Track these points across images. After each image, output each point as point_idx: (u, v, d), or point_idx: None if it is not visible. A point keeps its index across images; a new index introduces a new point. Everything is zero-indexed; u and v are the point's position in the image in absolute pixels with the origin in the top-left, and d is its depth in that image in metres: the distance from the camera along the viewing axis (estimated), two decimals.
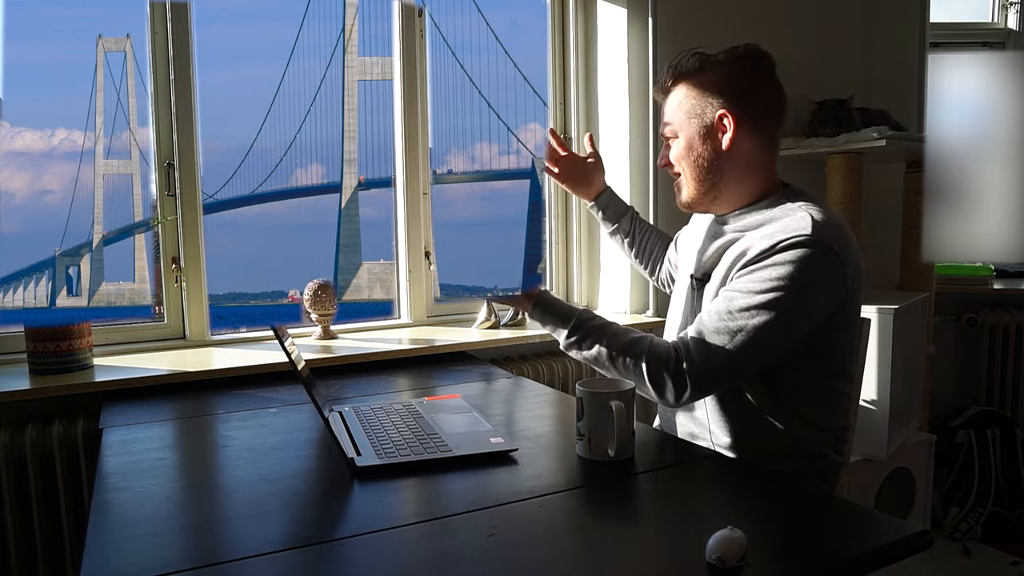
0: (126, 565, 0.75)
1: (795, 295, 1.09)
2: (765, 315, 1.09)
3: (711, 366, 1.10)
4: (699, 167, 1.25)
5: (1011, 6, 3.06)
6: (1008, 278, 2.91)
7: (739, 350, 1.09)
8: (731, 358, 1.10)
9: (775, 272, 1.10)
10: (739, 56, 1.26)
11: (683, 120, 1.25)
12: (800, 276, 1.09)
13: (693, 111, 1.24)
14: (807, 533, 0.83)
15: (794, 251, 1.10)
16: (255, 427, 1.25)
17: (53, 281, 6.44)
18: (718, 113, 1.22)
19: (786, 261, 1.10)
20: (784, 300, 1.09)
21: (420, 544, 0.79)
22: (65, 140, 4.63)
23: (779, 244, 1.11)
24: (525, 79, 2.70)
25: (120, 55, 5.70)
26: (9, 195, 2.12)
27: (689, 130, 1.25)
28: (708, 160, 1.24)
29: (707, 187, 1.26)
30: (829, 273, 1.11)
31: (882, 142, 1.96)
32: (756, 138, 1.24)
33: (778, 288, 1.09)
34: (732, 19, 2.23)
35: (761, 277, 1.11)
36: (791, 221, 1.15)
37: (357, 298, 8.50)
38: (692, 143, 1.25)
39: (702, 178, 1.25)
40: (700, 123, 1.24)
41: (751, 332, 1.09)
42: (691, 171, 1.26)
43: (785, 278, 1.09)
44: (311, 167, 9.81)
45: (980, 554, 2.41)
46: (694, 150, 1.25)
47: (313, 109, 9.57)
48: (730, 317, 1.11)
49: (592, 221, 2.30)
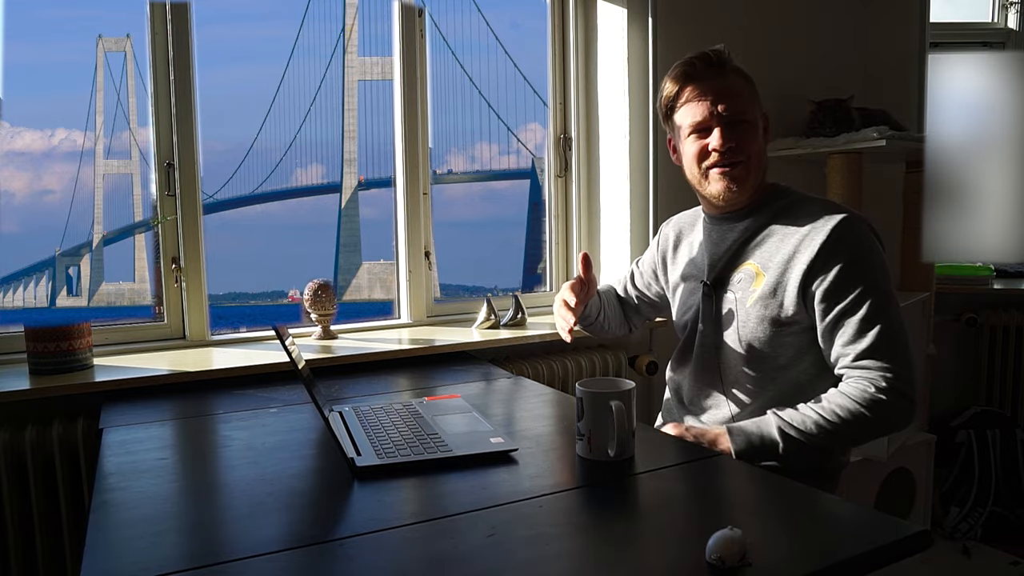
0: (126, 565, 0.75)
1: (879, 265, 1.19)
2: (884, 296, 1.16)
3: (904, 367, 1.15)
4: (763, 155, 1.29)
5: (1011, 6, 3.06)
6: (1008, 278, 2.91)
7: (897, 336, 1.16)
8: (898, 345, 1.16)
9: (856, 263, 1.17)
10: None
11: (759, 113, 1.28)
12: (872, 249, 1.19)
13: (756, 102, 1.28)
14: (807, 533, 0.83)
15: (849, 232, 1.18)
16: (255, 427, 1.25)
17: (53, 281, 6.44)
18: (764, 112, 1.29)
19: (853, 245, 1.18)
20: (880, 276, 1.18)
21: (420, 544, 0.79)
22: (65, 140, 4.63)
23: (834, 235, 1.17)
24: (525, 79, 2.70)
25: (120, 55, 5.70)
26: (9, 195, 2.12)
27: (765, 124, 1.29)
28: (765, 152, 1.29)
29: (759, 177, 1.29)
30: (876, 241, 1.22)
31: (882, 142, 1.96)
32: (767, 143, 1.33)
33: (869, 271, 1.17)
34: (732, 19, 2.23)
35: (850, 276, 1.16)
36: (814, 208, 1.23)
37: (357, 298, 8.51)
38: (758, 133, 1.28)
39: (760, 167, 1.28)
40: (760, 115, 1.28)
41: (889, 319, 1.16)
42: (758, 159, 1.28)
43: (865, 258, 1.18)
44: (311, 167, 9.81)
45: (980, 554, 2.41)
46: (758, 140, 1.28)
47: (313, 109, 9.58)
48: (872, 321, 1.15)
49: (592, 221, 2.31)
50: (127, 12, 2.10)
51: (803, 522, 0.86)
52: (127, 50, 5.78)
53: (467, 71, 3.42)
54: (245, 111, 9.16)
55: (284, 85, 9.57)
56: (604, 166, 2.25)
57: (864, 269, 1.17)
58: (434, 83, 2.15)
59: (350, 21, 9.07)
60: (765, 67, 2.31)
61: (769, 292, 1.22)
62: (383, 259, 2.31)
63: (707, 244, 1.34)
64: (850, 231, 1.18)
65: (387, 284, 2.26)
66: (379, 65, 8.97)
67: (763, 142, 1.28)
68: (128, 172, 4.69)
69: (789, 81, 2.33)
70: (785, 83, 2.35)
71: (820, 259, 1.17)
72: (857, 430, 1.15)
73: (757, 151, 1.26)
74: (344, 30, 8.94)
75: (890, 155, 2.20)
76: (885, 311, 1.16)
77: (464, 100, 5.41)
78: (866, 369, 1.15)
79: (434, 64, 2.16)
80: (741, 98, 1.24)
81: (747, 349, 1.25)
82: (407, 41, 2.10)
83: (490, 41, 3.61)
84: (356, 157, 9.27)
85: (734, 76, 1.26)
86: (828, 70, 2.39)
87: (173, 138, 1.84)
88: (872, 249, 1.19)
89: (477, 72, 5.80)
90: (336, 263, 9.05)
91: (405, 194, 2.13)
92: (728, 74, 1.26)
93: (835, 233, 1.17)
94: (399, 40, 2.09)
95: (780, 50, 2.33)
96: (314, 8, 8.85)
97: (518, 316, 2.06)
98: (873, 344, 1.15)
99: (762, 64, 2.31)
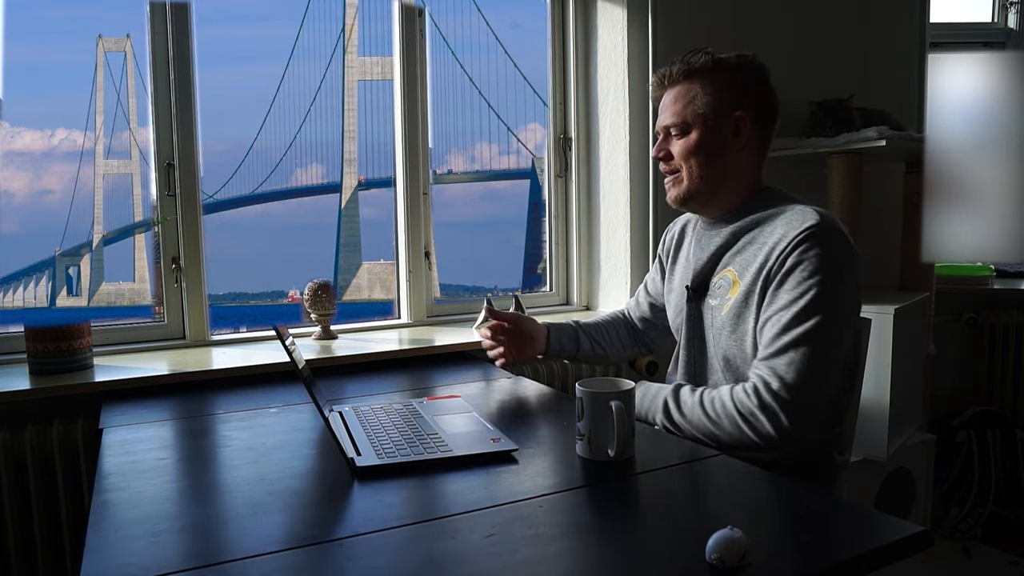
0: (126, 565, 0.75)
1: (832, 283, 1.11)
2: (817, 316, 1.09)
3: (795, 386, 1.08)
4: (708, 164, 1.25)
5: (1011, 6, 3.06)
6: (1008, 278, 2.91)
7: (812, 359, 1.08)
8: (809, 368, 1.08)
9: (806, 271, 1.11)
10: (750, 62, 1.27)
11: (696, 116, 1.25)
12: (830, 263, 1.11)
13: (710, 108, 1.24)
14: (807, 533, 0.83)
15: (812, 242, 1.12)
16: (255, 427, 1.25)
17: (53, 281, 6.44)
18: (736, 114, 1.23)
19: (811, 256, 1.12)
20: (825, 292, 1.10)
21: (420, 544, 0.79)
22: (65, 140, 4.63)
23: (795, 241, 1.13)
24: (525, 79, 2.70)
25: (120, 55, 5.70)
26: (9, 195, 2.12)
27: (702, 126, 1.25)
28: (716, 159, 1.24)
29: (708, 186, 1.26)
30: (849, 252, 1.15)
31: (882, 142, 1.96)
32: (759, 143, 1.27)
33: (815, 284, 1.10)
34: (732, 19, 2.23)
35: (795, 282, 1.12)
36: (793, 216, 1.17)
37: (357, 298, 8.50)
38: (704, 140, 1.24)
39: (704, 176, 1.25)
40: (715, 120, 1.24)
41: (813, 337, 1.09)
42: (699, 168, 1.25)
43: (817, 271, 1.11)
44: (311, 167, 9.81)
45: (980, 554, 2.41)
46: (704, 147, 1.24)
47: (313, 109, 9.57)
48: (787, 333, 1.10)
49: (592, 221, 2.31)
50: (127, 12, 2.10)
51: (803, 522, 0.86)
52: (127, 50, 5.78)
53: (467, 71, 3.42)
54: (245, 111, 9.16)
55: (284, 85, 9.57)
56: (604, 166, 2.25)
57: (812, 284, 1.11)
58: (434, 83, 2.15)
59: (350, 21, 9.07)
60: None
61: (743, 300, 1.19)
62: (383, 259, 2.32)
63: (695, 248, 1.33)
64: (815, 242, 1.12)
65: (387, 284, 2.27)
66: (379, 65, 8.97)
67: (720, 149, 1.24)
68: (128, 172, 4.69)
69: (789, 81, 2.32)
70: (785, 83, 2.34)
71: (776, 265, 1.14)
72: (721, 430, 1.12)
73: (704, 160, 1.24)
74: (344, 30, 8.94)
75: (890, 155, 2.20)
76: (816, 334, 1.09)
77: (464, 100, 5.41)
78: (760, 373, 1.11)
79: (434, 64, 2.16)
80: (686, 109, 1.24)
81: (723, 358, 1.23)
82: (407, 41, 2.10)
83: (490, 41, 3.61)
84: (356, 157, 9.26)
85: (686, 83, 1.25)
86: (828, 70, 2.39)
87: (173, 138, 1.84)
88: (832, 265, 1.11)
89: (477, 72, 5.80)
90: (336, 263, 9.05)
91: (405, 194, 2.13)
92: (679, 83, 1.26)
93: (798, 243, 1.13)
94: (399, 40, 2.09)
95: (780, 50, 2.32)
96: (314, 8, 8.85)
97: None
98: (783, 355, 1.10)
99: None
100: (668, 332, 1.48)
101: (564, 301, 2.34)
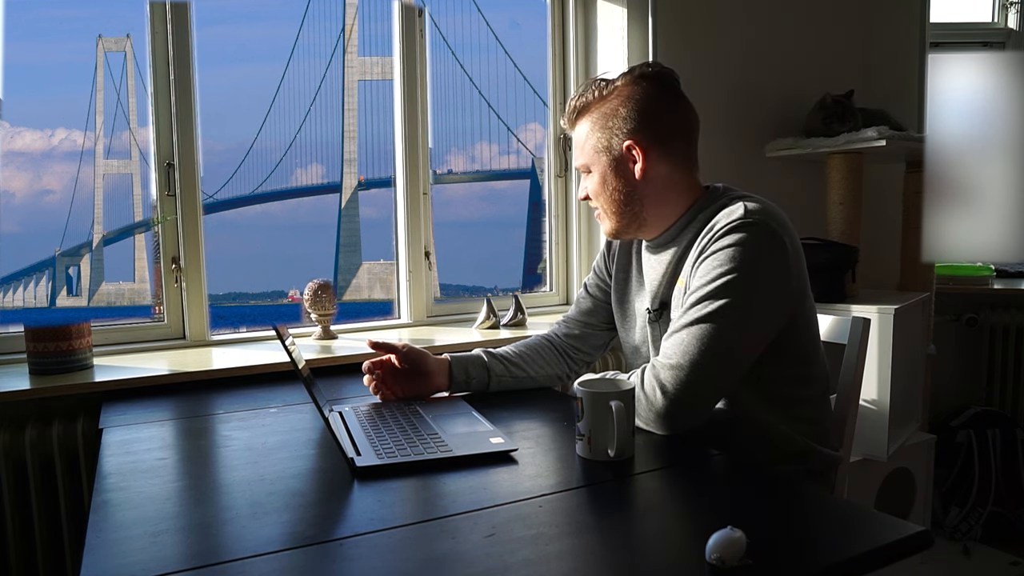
0: (126, 565, 0.74)
1: (746, 274, 1.08)
2: (722, 302, 1.08)
3: (687, 373, 1.07)
4: (616, 200, 1.23)
5: (1011, 6, 3.06)
6: (1008, 278, 2.91)
7: (709, 347, 1.07)
8: (704, 358, 1.07)
9: (721, 258, 1.10)
10: (637, 78, 1.22)
11: (592, 155, 1.24)
12: (746, 255, 1.09)
13: (600, 145, 1.22)
14: (807, 533, 0.83)
15: (733, 235, 1.10)
16: (255, 427, 1.25)
17: (53, 281, 6.45)
18: (625, 144, 1.20)
19: (728, 245, 1.10)
20: (737, 282, 1.08)
21: (420, 544, 0.79)
22: (65, 140, 4.63)
23: (718, 233, 1.12)
24: (525, 79, 2.71)
25: (120, 55, 5.71)
26: (9, 195, 2.12)
27: (600, 165, 1.23)
28: (624, 192, 1.22)
29: (628, 218, 1.24)
30: (772, 249, 1.11)
31: (882, 142, 1.96)
32: (669, 160, 1.22)
33: (728, 272, 1.09)
34: (732, 19, 2.23)
35: (708, 268, 1.11)
36: (725, 211, 1.16)
37: (357, 298, 8.52)
38: (605, 177, 1.23)
39: (621, 211, 1.24)
40: (609, 157, 1.22)
41: (716, 325, 1.07)
42: (609, 205, 1.24)
43: (732, 260, 1.09)
44: (311, 167, 9.83)
45: (980, 554, 2.41)
46: (608, 184, 1.23)
47: (313, 109, 9.59)
48: (688, 317, 1.09)
49: (592, 221, 2.31)
50: (127, 12, 2.11)
51: (803, 522, 0.86)
52: (127, 50, 5.79)
53: (467, 71, 3.43)
54: (245, 111, 9.18)
55: (284, 85, 9.59)
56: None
57: (723, 273, 1.09)
58: (434, 83, 2.15)
59: (350, 21, 9.08)
60: (764, 67, 2.32)
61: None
62: (383, 259, 2.32)
63: (647, 270, 1.30)
64: (735, 233, 1.10)
65: (387, 284, 2.27)
66: (379, 65, 8.99)
67: (622, 182, 1.21)
68: (128, 172, 4.69)
69: (789, 81, 2.33)
70: (785, 82, 2.35)
71: (697, 255, 1.14)
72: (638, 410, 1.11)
73: (609, 196, 1.23)
74: (344, 30, 8.95)
75: (890, 155, 2.20)
76: (716, 318, 1.07)
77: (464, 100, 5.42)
78: (653, 360, 1.12)
79: (434, 64, 2.16)
80: (583, 150, 1.25)
81: None
82: (407, 41, 2.10)
83: (490, 41, 3.62)
84: (356, 157, 9.28)
85: (582, 123, 1.25)
86: (828, 70, 2.39)
87: (173, 138, 1.84)
88: (746, 255, 1.09)
89: (477, 72, 5.81)
90: (336, 263, 9.06)
91: (405, 194, 2.13)
92: (574, 123, 1.26)
93: (718, 235, 1.12)
94: (399, 40, 2.09)
95: (780, 49, 2.33)
96: (314, 8, 8.87)
97: (518, 316, 2.06)
98: (676, 335, 1.09)
99: (761, 64, 2.32)
100: (607, 337, 1.48)
101: (564, 301, 2.34)
